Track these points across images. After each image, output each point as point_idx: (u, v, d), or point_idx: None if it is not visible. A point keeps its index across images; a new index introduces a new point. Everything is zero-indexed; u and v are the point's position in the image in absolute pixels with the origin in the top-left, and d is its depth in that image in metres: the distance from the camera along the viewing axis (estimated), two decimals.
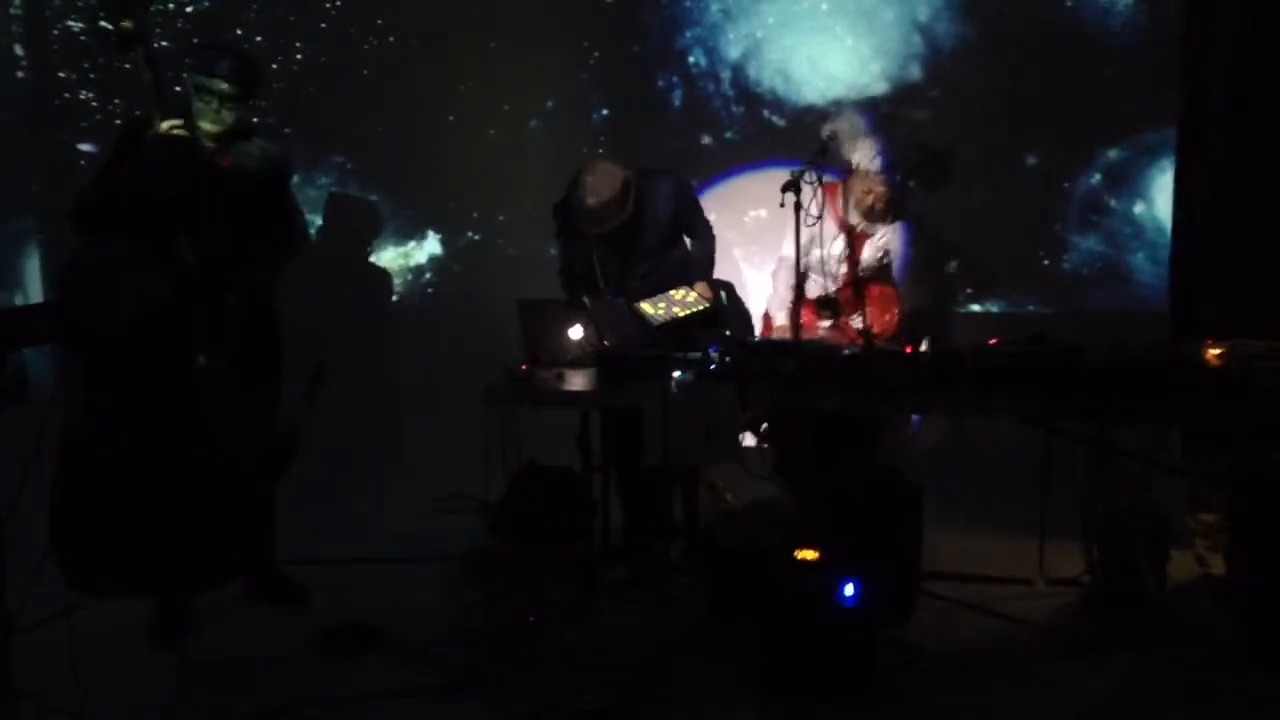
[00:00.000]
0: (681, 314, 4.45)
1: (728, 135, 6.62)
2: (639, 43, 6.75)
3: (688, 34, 6.67)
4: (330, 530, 5.01)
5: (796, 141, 4.50)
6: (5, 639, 3.04)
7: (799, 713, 3.31)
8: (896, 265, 4.86)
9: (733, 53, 6.60)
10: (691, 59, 6.68)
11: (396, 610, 4.03)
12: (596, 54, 6.80)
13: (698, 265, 4.69)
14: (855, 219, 4.80)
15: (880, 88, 6.37)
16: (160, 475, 3.47)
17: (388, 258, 7.19)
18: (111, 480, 3.48)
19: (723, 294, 4.70)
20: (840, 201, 4.78)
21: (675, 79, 6.72)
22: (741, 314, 4.88)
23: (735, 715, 3.33)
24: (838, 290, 4.80)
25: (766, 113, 6.56)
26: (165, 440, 3.49)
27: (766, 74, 6.53)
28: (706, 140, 6.62)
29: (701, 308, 4.50)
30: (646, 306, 4.45)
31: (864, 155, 4.65)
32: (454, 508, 5.22)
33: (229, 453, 3.59)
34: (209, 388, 3.56)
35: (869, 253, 4.82)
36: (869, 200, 4.74)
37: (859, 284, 4.77)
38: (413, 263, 7.28)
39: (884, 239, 4.83)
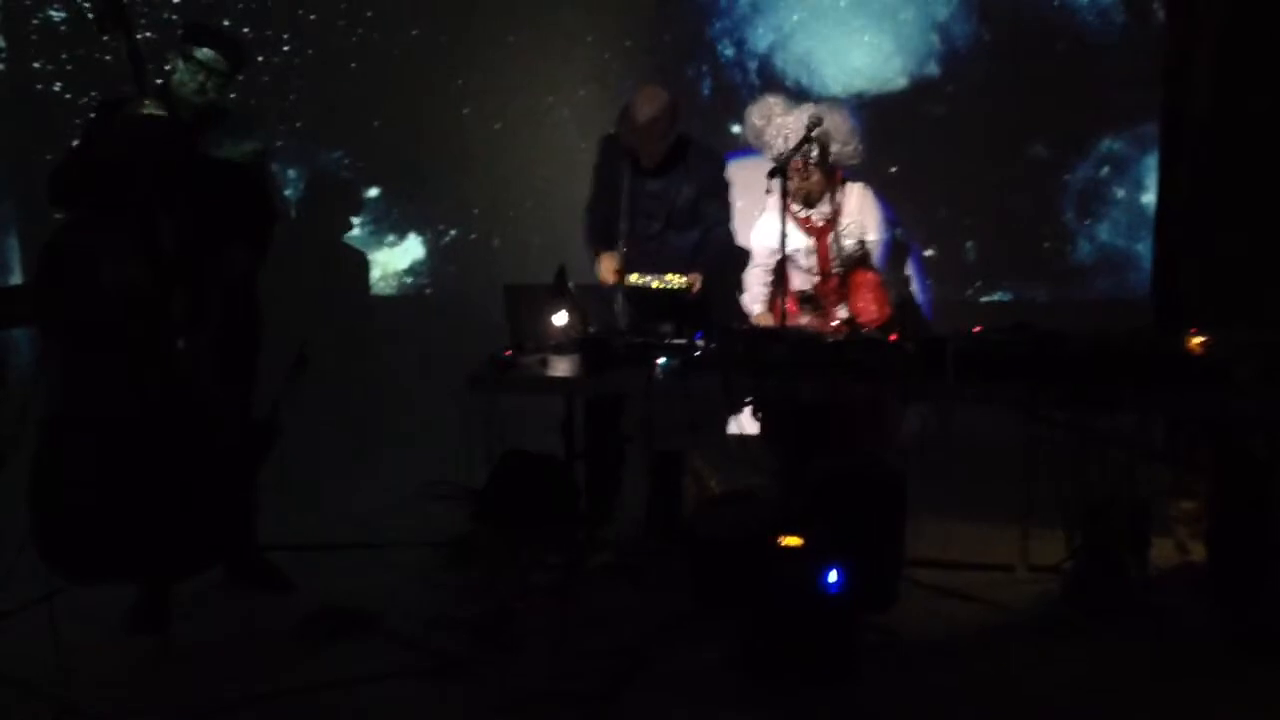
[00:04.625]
0: (655, 285, 4.49)
1: (734, 129, 6.64)
2: (670, 32, 6.86)
3: (717, 25, 6.79)
4: (313, 516, 4.99)
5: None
6: None
7: (782, 698, 3.31)
8: (877, 254, 4.75)
9: (760, 44, 6.72)
10: (720, 49, 6.80)
11: (379, 596, 4.02)
12: (628, 43, 6.87)
13: (705, 252, 4.66)
14: (800, 210, 4.64)
15: (900, 83, 6.51)
16: (140, 460, 3.45)
17: (383, 253, 7.18)
18: (91, 464, 3.46)
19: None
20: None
21: (704, 68, 6.83)
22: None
23: (719, 701, 3.34)
24: (815, 286, 4.73)
25: (801, 105, 6.64)
26: (145, 424, 3.47)
27: (791, 66, 6.66)
28: (736, 129, 6.67)
29: (677, 287, 4.50)
30: (635, 276, 4.52)
31: (778, 140, 4.47)
32: (437, 494, 5.21)
33: (209, 437, 3.57)
34: (187, 370, 3.54)
35: (848, 243, 4.70)
36: (804, 188, 4.58)
37: (840, 275, 4.68)
38: (409, 257, 7.27)
39: (850, 223, 4.62)
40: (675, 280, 4.51)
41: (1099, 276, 6.45)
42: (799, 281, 4.73)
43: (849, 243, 4.63)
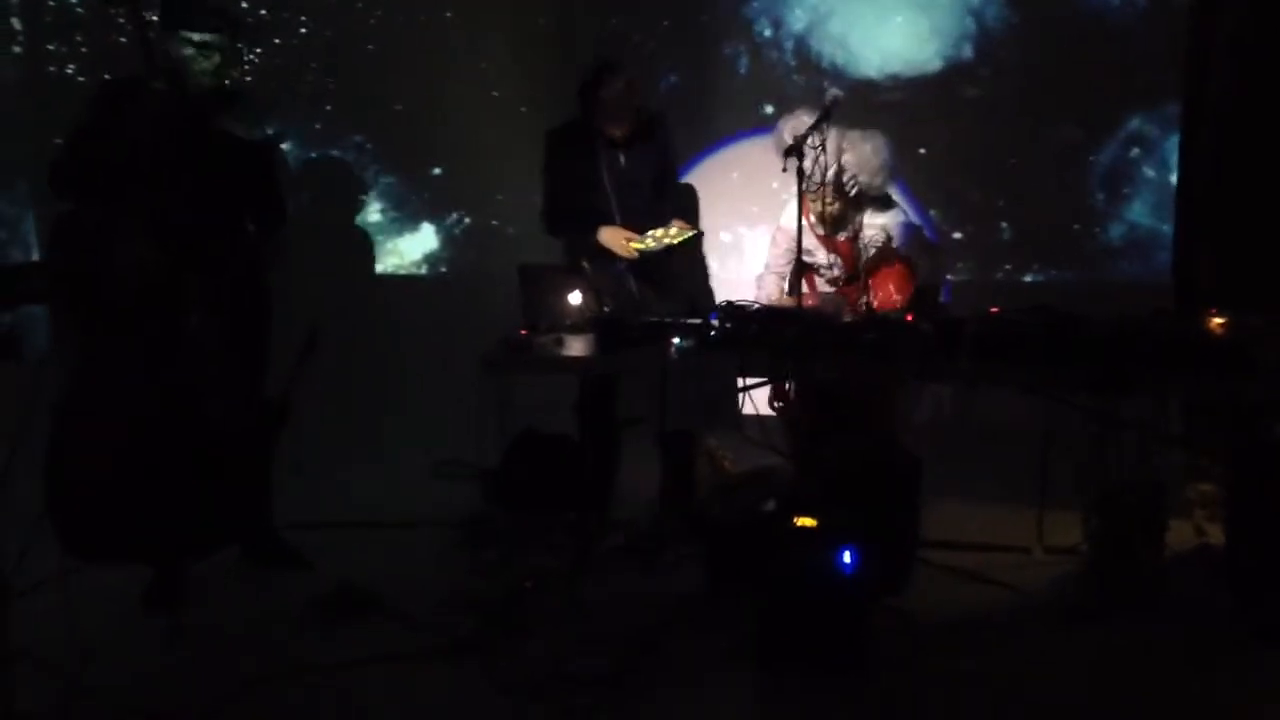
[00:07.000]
0: (673, 241, 4.44)
1: (767, 109, 6.61)
2: (708, 12, 6.87)
3: (754, 4, 6.79)
4: (327, 496, 5.00)
5: (853, 112, 4.55)
6: (2, 603, 3.02)
7: (795, 682, 3.30)
8: (898, 238, 4.68)
9: (796, 25, 6.71)
10: (757, 29, 6.79)
11: (392, 576, 4.02)
12: (666, 22, 6.84)
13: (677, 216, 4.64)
14: (822, 230, 4.62)
15: (935, 64, 6.47)
16: (154, 441, 3.45)
17: (402, 239, 7.16)
18: (105, 446, 3.47)
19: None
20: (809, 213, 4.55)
21: (741, 48, 6.82)
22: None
23: (731, 684, 3.33)
24: (840, 289, 4.65)
25: (826, 83, 6.60)
26: (159, 405, 3.47)
27: (828, 47, 6.65)
28: (769, 109, 6.63)
29: (690, 234, 4.48)
30: (636, 243, 4.45)
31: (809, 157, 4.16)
32: (451, 474, 5.21)
33: (221, 418, 3.57)
34: (200, 352, 3.54)
35: (869, 234, 4.63)
36: (822, 210, 4.52)
37: (864, 273, 4.60)
38: (427, 242, 7.25)
39: (874, 234, 4.59)
40: (673, 230, 4.46)
41: (1129, 258, 6.42)
42: (822, 285, 4.70)
43: (874, 250, 4.59)
